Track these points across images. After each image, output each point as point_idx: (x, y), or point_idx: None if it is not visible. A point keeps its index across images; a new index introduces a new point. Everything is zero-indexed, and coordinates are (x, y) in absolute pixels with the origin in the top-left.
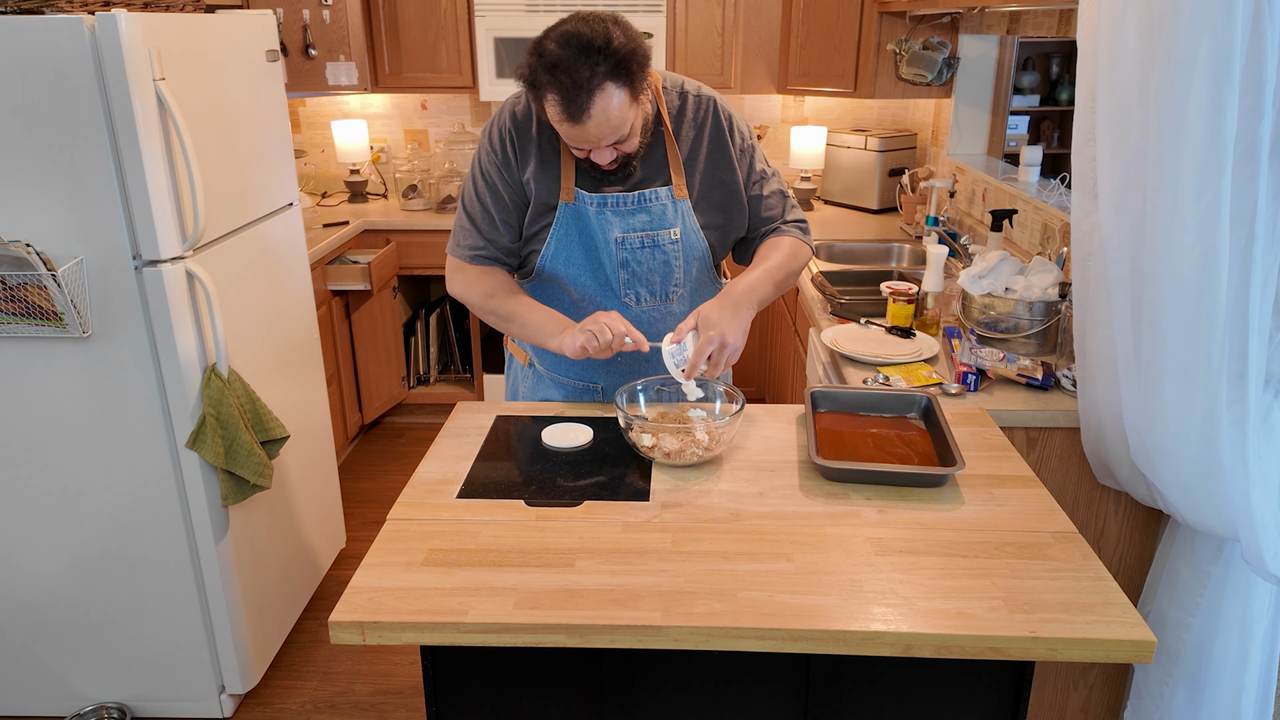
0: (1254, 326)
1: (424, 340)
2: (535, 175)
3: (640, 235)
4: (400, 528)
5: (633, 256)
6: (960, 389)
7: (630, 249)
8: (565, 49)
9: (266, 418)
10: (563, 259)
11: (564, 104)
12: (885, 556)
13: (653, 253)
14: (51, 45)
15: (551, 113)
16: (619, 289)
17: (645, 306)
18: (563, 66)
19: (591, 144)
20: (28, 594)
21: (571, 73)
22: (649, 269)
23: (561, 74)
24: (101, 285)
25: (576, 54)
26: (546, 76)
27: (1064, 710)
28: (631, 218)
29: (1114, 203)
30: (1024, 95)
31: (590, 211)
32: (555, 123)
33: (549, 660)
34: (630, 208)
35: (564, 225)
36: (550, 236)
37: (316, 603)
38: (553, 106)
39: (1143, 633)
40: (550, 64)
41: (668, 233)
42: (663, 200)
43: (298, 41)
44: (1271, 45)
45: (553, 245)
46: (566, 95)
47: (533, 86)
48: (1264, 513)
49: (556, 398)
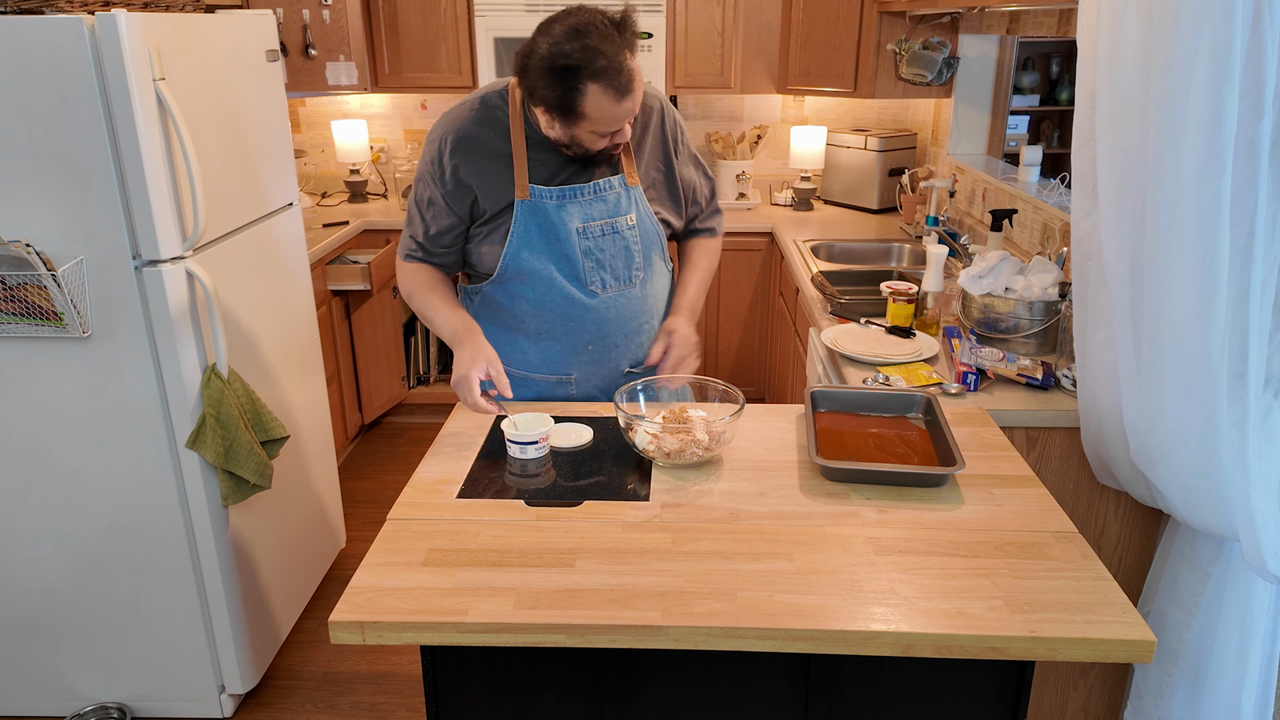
0: (1254, 326)
1: (424, 340)
2: (482, 182)
3: (600, 224)
4: (400, 528)
5: (595, 245)
6: (960, 389)
7: (592, 237)
8: (588, 39)
9: (266, 418)
10: (526, 254)
11: (613, 85)
12: (885, 556)
13: (613, 239)
14: (51, 45)
15: (598, 100)
16: (585, 277)
17: (611, 293)
18: (599, 52)
19: (625, 119)
20: (28, 594)
21: (608, 54)
22: (611, 255)
23: (601, 58)
24: (101, 285)
25: (600, 38)
26: (589, 69)
27: (1064, 710)
28: (590, 207)
29: (1114, 203)
30: (1024, 95)
31: (550, 205)
32: (602, 109)
33: (549, 660)
34: (588, 198)
35: (523, 221)
36: (511, 234)
37: (316, 603)
38: (600, 93)
39: (1143, 633)
40: (585, 57)
41: (624, 219)
42: (616, 189)
43: (298, 41)
44: (1271, 45)
45: (514, 242)
46: (613, 76)
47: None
48: (1264, 513)
49: (528, 396)
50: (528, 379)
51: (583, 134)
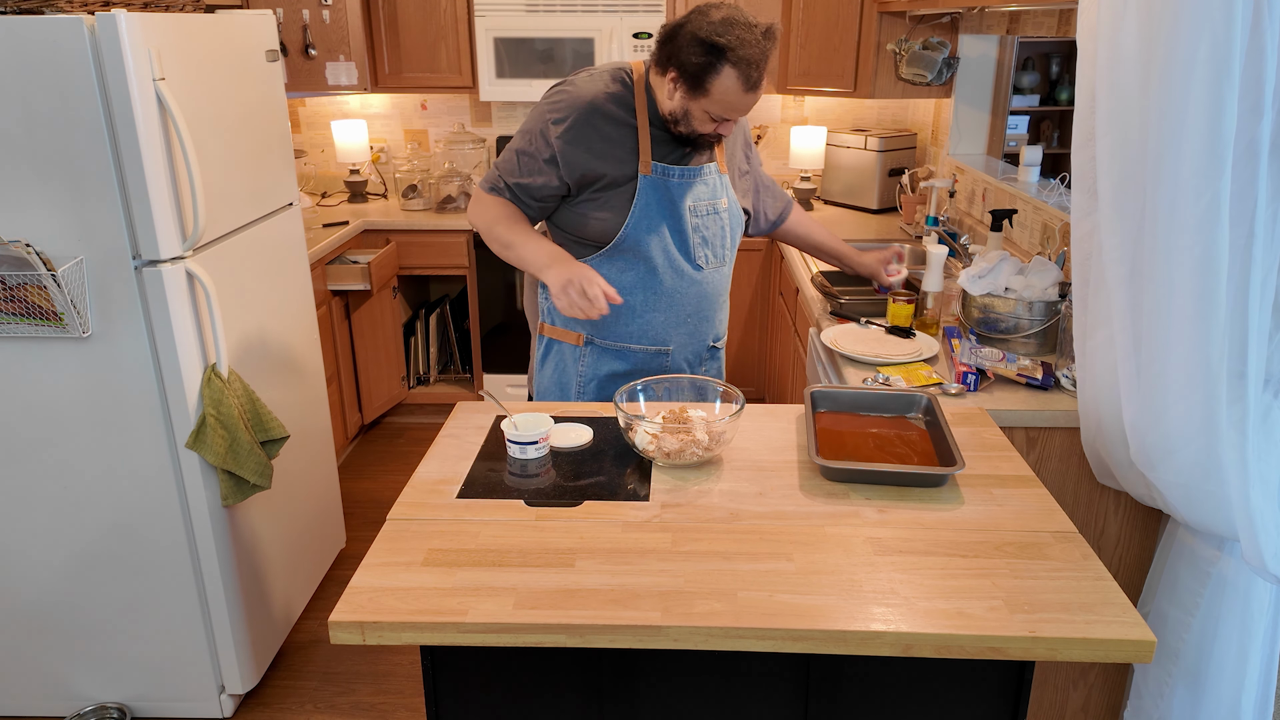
0: (1254, 326)
1: (424, 340)
2: (604, 151)
3: (705, 204)
4: (400, 528)
5: (702, 222)
6: (960, 389)
7: (700, 215)
8: (741, 29)
9: (266, 418)
10: (645, 225)
11: (748, 75)
12: (885, 556)
13: (714, 219)
14: (51, 45)
15: (730, 84)
16: (693, 252)
17: (710, 268)
18: (748, 43)
19: (741, 113)
20: (28, 594)
21: (755, 47)
22: (714, 234)
23: (748, 49)
24: (101, 285)
25: (750, 31)
26: (737, 53)
27: (1064, 710)
28: (696, 188)
29: (1114, 203)
30: (1024, 95)
31: (672, 182)
32: (730, 94)
33: (549, 660)
34: (694, 179)
35: (646, 195)
36: (634, 205)
37: (316, 603)
38: (734, 79)
39: (1143, 632)
40: (735, 42)
41: (720, 201)
42: (713, 174)
43: (298, 41)
44: (1271, 45)
45: (637, 213)
46: (752, 67)
47: (708, 66)
48: (1264, 513)
49: (621, 368)
50: (626, 350)
51: (697, 112)
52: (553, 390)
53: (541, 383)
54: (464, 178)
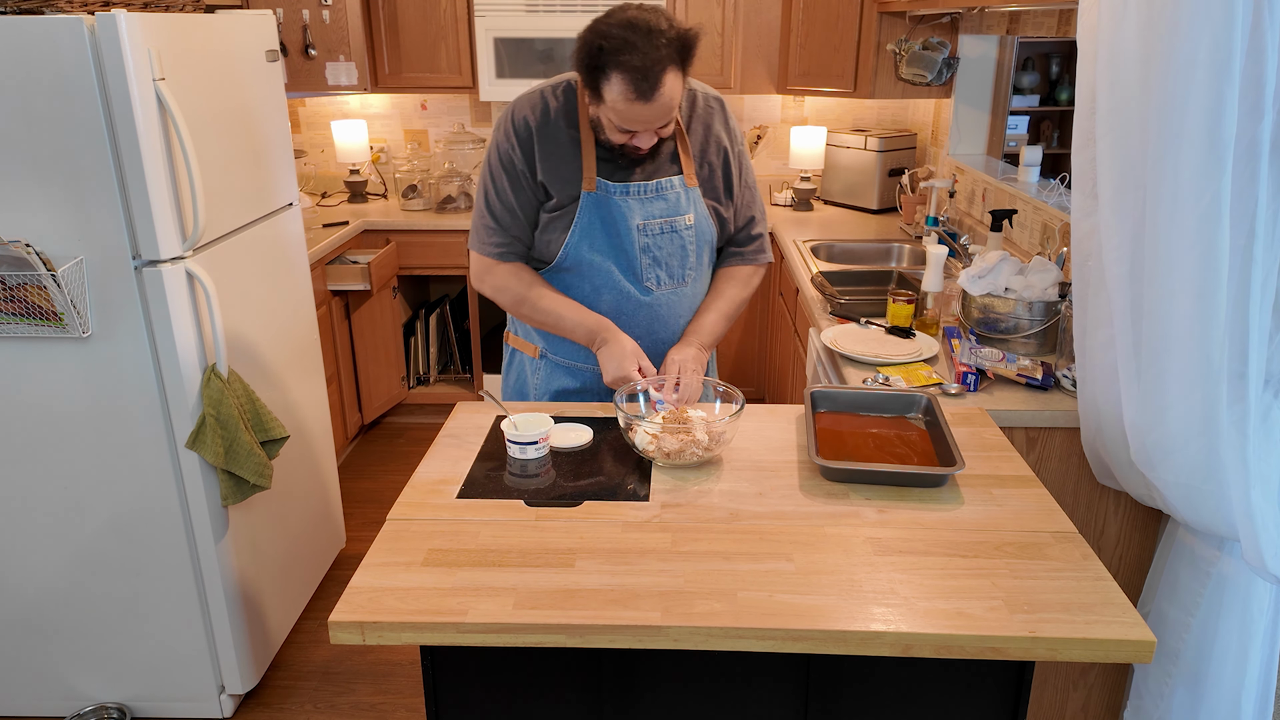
0: (1254, 326)
1: (424, 340)
2: (550, 169)
3: (660, 222)
4: (400, 528)
5: (653, 242)
6: (960, 389)
7: (651, 234)
8: (633, 33)
9: (266, 418)
10: (586, 245)
11: (635, 83)
12: (885, 556)
13: (670, 238)
14: (51, 45)
15: (618, 92)
16: (641, 273)
17: (664, 290)
18: (635, 47)
19: (648, 125)
20: (28, 594)
21: (644, 53)
22: (668, 253)
23: (634, 54)
24: (101, 285)
25: (645, 37)
26: (618, 58)
27: (1064, 710)
28: (650, 205)
29: (1114, 203)
30: (1024, 95)
31: (614, 199)
32: (619, 103)
33: (549, 660)
34: (650, 195)
35: (587, 213)
36: (574, 224)
37: (316, 603)
38: (621, 86)
39: (1143, 633)
40: (619, 45)
41: (683, 219)
42: (676, 189)
43: (298, 41)
44: (1271, 45)
45: (577, 233)
46: (638, 75)
47: (596, 69)
48: (1264, 513)
49: (572, 385)
50: (575, 369)
51: (604, 120)
52: (513, 398)
53: (505, 389)
54: (464, 178)
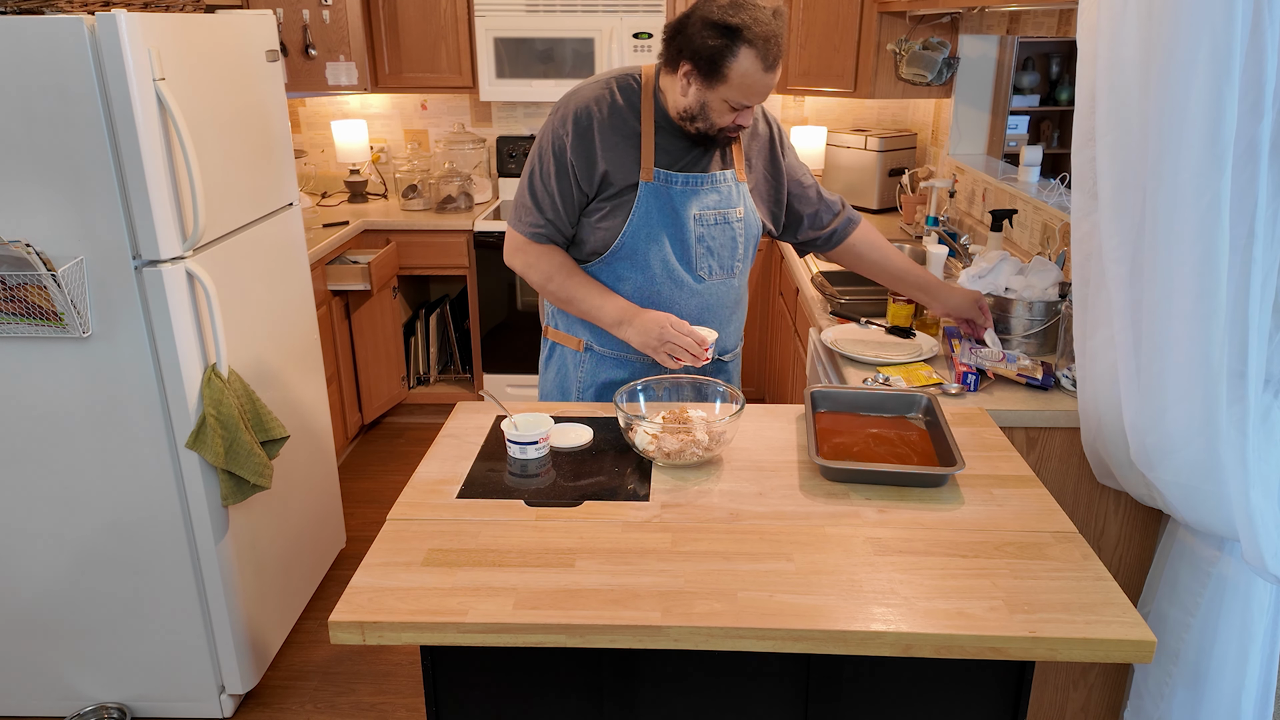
0: (1254, 326)
1: (424, 340)
2: (612, 159)
3: (714, 213)
4: (400, 528)
5: (708, 232)
6: (960, 389)
7: (705, 224)
8: (753, 9)
9: (266, 418)
10: (644, 234)
11: (765, 54)
12: (885, 556)
13: (723, 229)
14: (51, 45)
15: (748, 65)
16: (695, 262)
17: (714, 280)
18: (758, 20)
19: (764, 96)
20: (28, 594)
21: (765, 24)
22: (720, 244)
23: (760, 26)
24: (101, 285)
25: (763, 12)
26: (751, 31)
27: (1064, 710)
28: (705, 196)
29: (1114, 203)
30: (1024, 95)
31: (674, 189)
32: (750, 75)
33: (549, 660)
34: (705, 187)
35: (645, 203)
36: (633, 213)
37: (316, 603)
38: (751, 59)
39: (1143, 633)
40: (748, 21)
41: (734, 211)
42: (729, 182)
43: (298, 41)
44: (1271, 45)
45: (636, 220)
46: (765, 46)
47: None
48: (1264, 513)
49: (622, 377)
50: (623, 359)
51: (715, 102)
52: (554, 393)
53: (545, 385)
54: (464, 178)
